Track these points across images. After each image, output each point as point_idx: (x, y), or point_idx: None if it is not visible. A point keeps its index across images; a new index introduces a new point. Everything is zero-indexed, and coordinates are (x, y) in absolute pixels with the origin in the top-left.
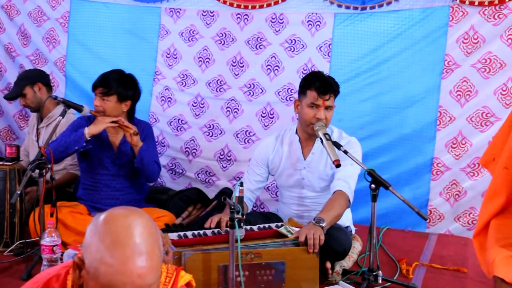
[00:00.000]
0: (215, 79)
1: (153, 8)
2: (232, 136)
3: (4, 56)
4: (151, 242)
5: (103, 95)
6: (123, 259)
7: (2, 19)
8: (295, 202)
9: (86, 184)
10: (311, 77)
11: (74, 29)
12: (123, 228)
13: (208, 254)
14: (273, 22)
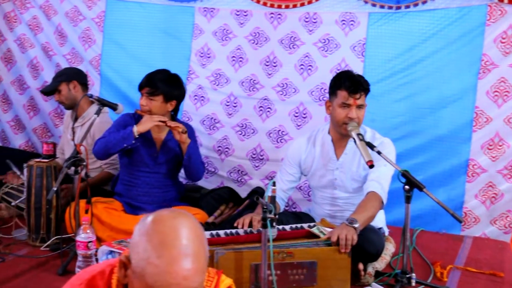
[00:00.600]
0: (248, 79)
1: (187, 7)
2: (265, 136)
3: (42, 55)
4: (198, 244)
5: (149, 95)
6: (169, 260)
7: (40, 19)
8: (327, 202)
9: (125, 180)
10: (340, 77)
11: (110, 29)
12: (171, 229)
13: (240, 253)
14: (306, 22)
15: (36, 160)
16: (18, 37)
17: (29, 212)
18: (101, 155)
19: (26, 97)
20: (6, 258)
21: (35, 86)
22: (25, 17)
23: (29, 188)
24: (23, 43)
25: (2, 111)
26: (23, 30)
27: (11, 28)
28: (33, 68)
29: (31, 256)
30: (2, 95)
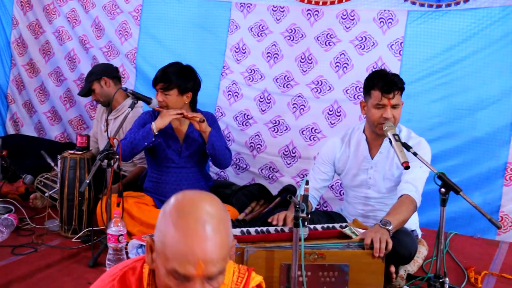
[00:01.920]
0: (283, 75)
1: (224, 2)
2: (298, 133)
3: (79, 47)
4: (217, 219)
5: (164, 90)
6: (185, 228)
7: (78, 11)
8: (360, 202)
9: (152, 177)
10: (374, 77)
11: (146, 22)
12: (190, 202)
13: (271, 252)
14: (343, 19)
15: (70, 152)
16: (56, 29)
17: (61, 203)
18: (126, 156)
19: (63, 89)
20: (39, 248)
21: (72, 78)
22: (64, 9)
23: (62, 180)
24: (61, 35)
25: (39, 102)
26: (61, 23)
27: (50, 21)
28: (70, 60)
29: (62, 247)
30: (39, 87)
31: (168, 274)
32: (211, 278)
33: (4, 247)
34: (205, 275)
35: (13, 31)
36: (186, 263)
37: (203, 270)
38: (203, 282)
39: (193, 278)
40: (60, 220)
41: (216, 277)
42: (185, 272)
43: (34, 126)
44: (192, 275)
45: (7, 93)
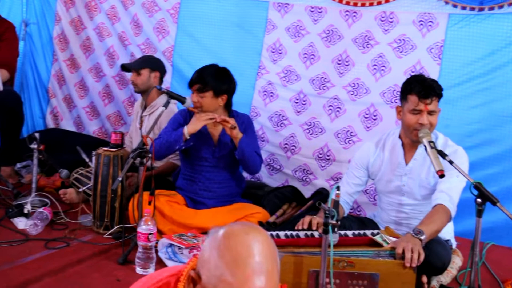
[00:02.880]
0: (319, 77)
1: (261, 2)
2: (333, 135)
3: (118, 44)
4: (271, 261)
5: (199, 91)
6: (243, 279)
7: (118, 8)
8: (393, 209)
9: (185, 175)
10: (411, 82)
11: (184, 20)
12: (244, 246)
13: (299, 258)
14: (382, 21)
15: (104, 149)
16: (97, 25)
17: (94, 199)
18: (158, 156)
19: (102, 85)
20: (71, 243)
21: (111, 75)
22: (104, 6)
23: (96, 176)
24: (101, 32)
25: (79, 97)
26: (102, 19)
27: (91, 17)
28: (110, 56)
29: (94, 243)
30: (79, 82)
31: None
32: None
33: (38, 240)
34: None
35: (56, 27)
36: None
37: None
38: None
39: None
40: (93, 215)
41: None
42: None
43: (73, 121)
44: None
45: (48, 87)
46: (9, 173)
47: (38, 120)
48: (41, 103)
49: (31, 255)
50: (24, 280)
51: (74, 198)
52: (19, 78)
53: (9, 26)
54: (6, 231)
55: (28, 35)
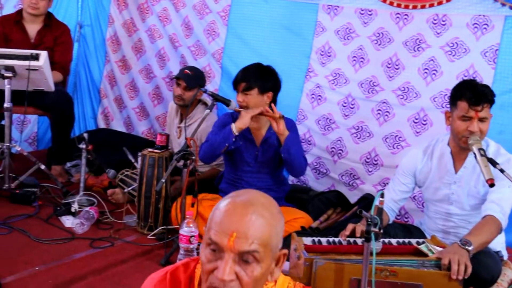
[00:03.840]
0: (368, 80)
1: (311, 4)
2: (381, 140)
3: (168, 46)
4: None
5: (244, 90)
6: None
7: (169, 10)
8: (441, 217)
9: (228, 179)
10: (462, 87)
11: (234, 23)
12: (246, 191)
13: (341, 265)
14: (434, 24)
15: (149, 150)
16: (149, 27)
17: (139, 200)
18: (207, 159)
19: (152, 86)
20: (115, 243)
21: (161, 76)
22: (156, 8)
23: (141, 177)
24: (153, 34)
25: (129, 98)
26: (153, 21)
27: (143, 19)
28: (160, 58)
29: (138, 243)
30: (130, 83)
31: (206, 246)
32: (245, 260)
33: (84, 239)
34: (236, 248)
35: (109, 28)
36: (221, 231)
37: (234, 242)
38: (236, 260)
39: (225, 251)
40: (137, 216)
41: (249, 261)
42: (218, 240)
43: (123, 121)
44: (224, 246)
45: (100, 88)
46: (59, 172)
47: (89, 120)
48: (92, 103)
49: (76, 253)
50: (69, 278)
51: (120, 198)
52: (73, 79)
53: (65, 30)
54: (54, 229)
55: (82, 36)
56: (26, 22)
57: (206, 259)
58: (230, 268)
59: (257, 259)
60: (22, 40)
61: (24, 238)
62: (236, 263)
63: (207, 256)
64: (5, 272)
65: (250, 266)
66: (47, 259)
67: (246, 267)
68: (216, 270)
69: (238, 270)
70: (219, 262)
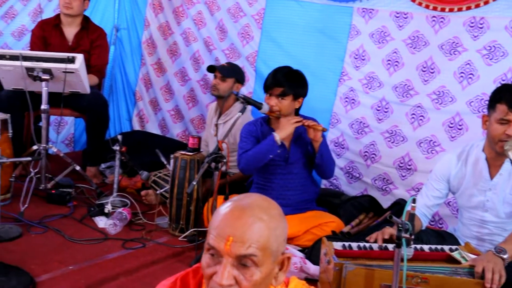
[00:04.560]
0: (402, 84)
1: (345, 7)
2: (415, 145)
3: (203, 49)
4: (263, 211)
5: (280, 95)
6: (230, 209)
7: (204, 14)
8: (475, 224)
9: (259, 184)
10: (502, 90)
11: (268, 26)
12: (247, 195)
13: (371, 271)
14: (471, 27)
15: (181, 153)
16: (184, 31)
17: (171, 202)
18: (250, 171)
19: (186, 89)
20: (147, 244)
21: (196, 79)
22: (191, 12)
23: (173, 179)
24: (188, 37)
25: (164, 100)
26: (188, 25)
27: (178, 22)
28: (195, 61)
29: (169, 245)
30: (165, 85)
31: (206, 251)
32: (244, 264)
33: (116, 240)
34: (233, 252)
35: (145, 32)
36: (218, 236)
37: (230, 246)
38: (234, 265)
39: (223, 255)
40: (169, 218)
41: (248, 265)
42: (215, 244)
43: (158, 123)
44: (221, 250)
45: (136, 90)
46: (94, 173)
47: (124, 122)
48: (128, 105)
49: (109, 254)
50: (101, 278)
51: (153, 199)
52: (109, 81)
53: (101, 33)
54: (88, 229)
55: (119, 40)
56: (64, 25)
57: (206, 264)
58: (228, 272)
59: (256, 263)
60: (60, 43)
61: (59, 237)
62: (234, 267)
63: (207, 261)
64: (40, 270)
65: (249, 270)
66: (80, 259)
67: (245, 271)
68: (215, 274)
69: (237, 274)
70: (218, 267)
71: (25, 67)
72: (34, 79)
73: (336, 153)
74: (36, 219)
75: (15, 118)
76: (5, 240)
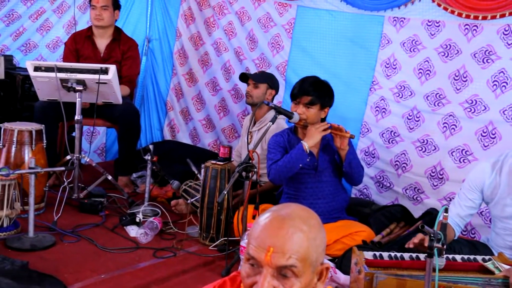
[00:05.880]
0: (434, 93)
1: (376, 16)
2: (447, 154)
3: (234, 58)
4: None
5: (308, 104)
6: (269, 219)
7: (235, 24)
8: (509, 234)
9: (289, 194)
10: None
11: (298, 35)
12: (286, 205)
13: (402, 281)
14: (505, 34)
15: (212, 162)
16: (215, 41)
17: (202, 211)
18: (280, 181)
19: (218, 98)
20: (178, 253)
21: (227, 89)
22: (222, 22)
23: (204, 188)
24: (219, 47)
25: (196, 110)
26: (219, 35)
27: (209, 33)
28: (226, 71)
29: (199, 254)
30: (197, 95)
31: (245, 261)
32: (284, 275)
33: (148, 249)
34: (274, 263)
35: (176, 42)
36: (258, 246)
37: (271, 257)
38: (274, 275)
39: (263, 265)
40: (199, 227)
41: (288, 275)
42: (255, 255)
43: (189, 133)
44: (261, 261)
45: (167, 100)
46: (125, 182)
47: (156, 132)
48: (159, 115)
49: (140, 262)
50: (133, 287)
51: (184, 209)
52: (140, 91)
53: (132, 44)
54: (119, 238)
55: (150, 50)
56: (96, 37)
57: (245, 274)
58: (269, 283)
59: (295, 274)
60: (92, 54)
61: (91, 246)
62: (274, 277)
63: (247, 271)
64: (72, 279)
65: (289, 280)
66: (112, 268)
67: (285, 281)
68: (255, 285)
69: (277, 284)
70: (258, 277)
71: (59, 78)
72: (68, 90)
73: (367, 162)
74: (69, 228)
75: (49, 129)
76: (39, 249)
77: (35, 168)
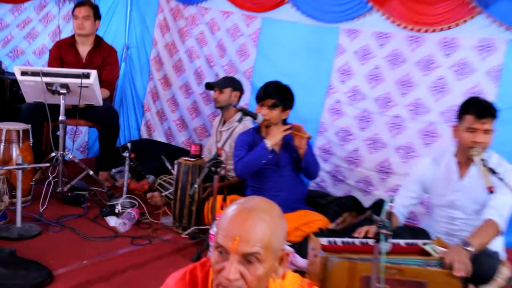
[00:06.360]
0: (383, 97)
1: (333, 28)
2: (393, 151)
3: (205, 65)
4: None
5: (271, 106)
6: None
7: (206, 34)
8: (445, 221)
9: (253, 186)
10: (469, 102)
11: (263, 44)
12: (251, 198)
13: (353, 263)
14: (445, 46)
15: (185, 159)
16: (188, 49)
17: (175, 203)
18: (246, 175)
19: (190, 101)
20: (153, 241)
21: (198, 92)
22: (194, 32)
23: (177, 183)
24: (191, 54)
25: (170, 111)
26: (192, 43)
27: (183, 41)
28: (198, 76)
29: (173, 241)
30: (171, 98)
31: (214, 249)
32: (248, 261)
33: (126, 237)
34: (240, 251)
35: (153, 49)
36: (226, 236)
37: (237, 245)
38: (240, 261)
39: (230, 253)
40: (173, 217)
41: (252, 261)
42: (223, 244)
43: (164, 132)
44: (229, 249)
45: (144, 102)
46: (105, 177)
47: (133, 131)
48: (137, 116)
49: (119, 249)
50: (112, 272)
51: (158, 201)
52: (119, 95)
53: (112, 51)
54: (100, 227)
55: (129, 57)
56: (78, 44)
57: (214, 261)
58: (235, 268)
59: (259, 260)
60: (75, 60)
61: (74, 235)
62: (240, 263)
63: (216, 258)
64: (57, 265)
65: (253, 266)
66: (93, 254)
67: (249, 267)
68: (223, 270)
69: (243, 269)
70: (226, 263)
71: (45, 82)
72: (53, 93)
73: (324, 159)
74: (53, 219)
75: (35, 128)
76: (26, 238)
77: (22, 164)
